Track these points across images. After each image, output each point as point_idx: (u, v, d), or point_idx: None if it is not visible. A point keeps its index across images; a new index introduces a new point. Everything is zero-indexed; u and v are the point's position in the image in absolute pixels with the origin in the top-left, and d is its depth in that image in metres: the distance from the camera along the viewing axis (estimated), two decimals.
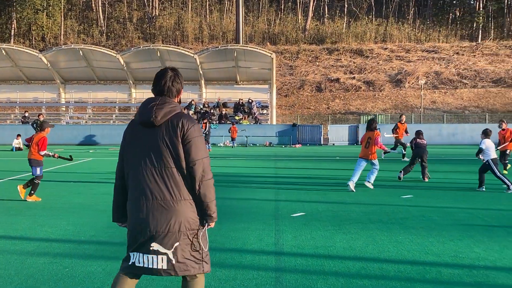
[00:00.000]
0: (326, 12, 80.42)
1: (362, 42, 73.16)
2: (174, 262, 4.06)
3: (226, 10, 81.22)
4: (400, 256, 6.94)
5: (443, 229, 8.78)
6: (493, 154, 13.41)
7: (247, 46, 50.24)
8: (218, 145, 40.65)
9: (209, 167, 4.14)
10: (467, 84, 61.67)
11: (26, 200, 11.94)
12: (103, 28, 76.83)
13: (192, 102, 46.55)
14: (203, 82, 49.72)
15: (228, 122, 44.42)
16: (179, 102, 4.36)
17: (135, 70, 49.88)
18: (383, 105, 58.40)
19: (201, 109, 46.05)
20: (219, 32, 75.82)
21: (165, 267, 4.06)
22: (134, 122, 4.22)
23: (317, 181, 15.56)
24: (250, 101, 46.84)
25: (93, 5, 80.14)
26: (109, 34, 76.45)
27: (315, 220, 9.60)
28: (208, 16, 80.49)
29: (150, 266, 4.07)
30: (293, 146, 40.71)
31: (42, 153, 12.03)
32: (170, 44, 63.19)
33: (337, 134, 43.54)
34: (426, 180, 15.85)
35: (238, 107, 46.56)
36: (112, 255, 7.16)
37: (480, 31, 78.37)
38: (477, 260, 6.83)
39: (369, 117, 49.54)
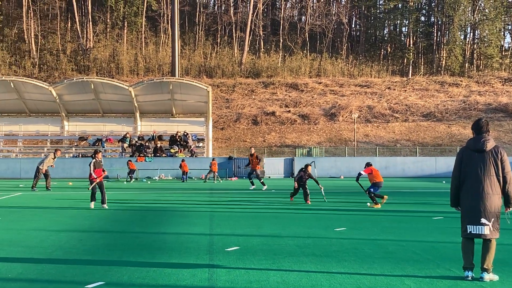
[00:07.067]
0: (262, 47, 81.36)
1: (297, 76, 74.32)
2: (492, 230, 7.23)
3: (162, 43, 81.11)
4: None
5: (374, 261, 8.89)
6: None
7: (183, 79, 50.25)
8: (153, 178, 40.15)
9: None
10: (399, 118, 63.41)
11: None
12: (36, 59, 75.32)
13: (127, 135, 45.99)
14: (138, 114, 49.23)
15: (163, 155, 44.03)
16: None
17: (68, 102, 48.90)
18: (318, 138, 59.24)
19: (136, 142, 45.54)
20: (155, 65, 75.52)
21: (487, 233, 7.21)
22: (468, 148, 7.52)
23: (252, 214, 15.55)
24: (186, 134, 46.67)
25: (26, 36, 78.44)
26: (41, 66, 74.89)
27: (249, 254, 9.57)
28: (143, 48, 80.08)
29: (480, 232, 7.23)
30: (229, 179, 40.68)
31: None
32: (104, 77, 62.47)
33: (273, 167, 43.75)
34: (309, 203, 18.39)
35: (174, 140, 46.30)
36: None
37: (411, 67, 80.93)
38: None
39: (305, 150, 50.12)
